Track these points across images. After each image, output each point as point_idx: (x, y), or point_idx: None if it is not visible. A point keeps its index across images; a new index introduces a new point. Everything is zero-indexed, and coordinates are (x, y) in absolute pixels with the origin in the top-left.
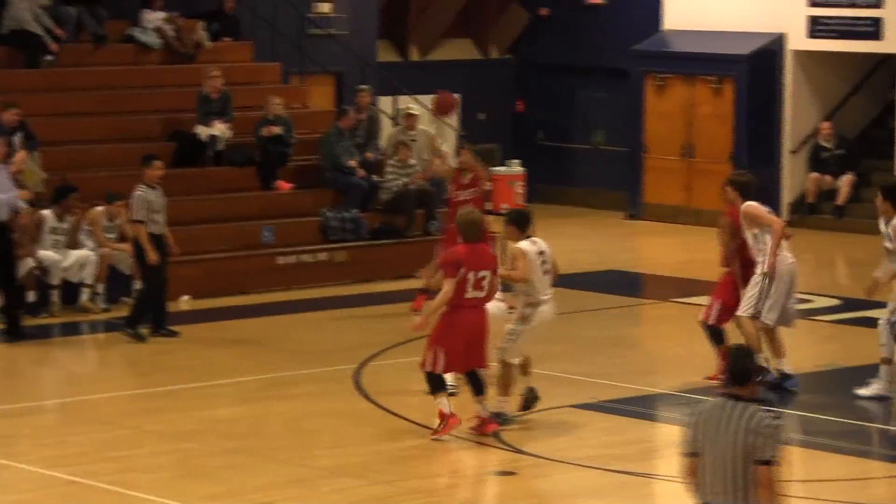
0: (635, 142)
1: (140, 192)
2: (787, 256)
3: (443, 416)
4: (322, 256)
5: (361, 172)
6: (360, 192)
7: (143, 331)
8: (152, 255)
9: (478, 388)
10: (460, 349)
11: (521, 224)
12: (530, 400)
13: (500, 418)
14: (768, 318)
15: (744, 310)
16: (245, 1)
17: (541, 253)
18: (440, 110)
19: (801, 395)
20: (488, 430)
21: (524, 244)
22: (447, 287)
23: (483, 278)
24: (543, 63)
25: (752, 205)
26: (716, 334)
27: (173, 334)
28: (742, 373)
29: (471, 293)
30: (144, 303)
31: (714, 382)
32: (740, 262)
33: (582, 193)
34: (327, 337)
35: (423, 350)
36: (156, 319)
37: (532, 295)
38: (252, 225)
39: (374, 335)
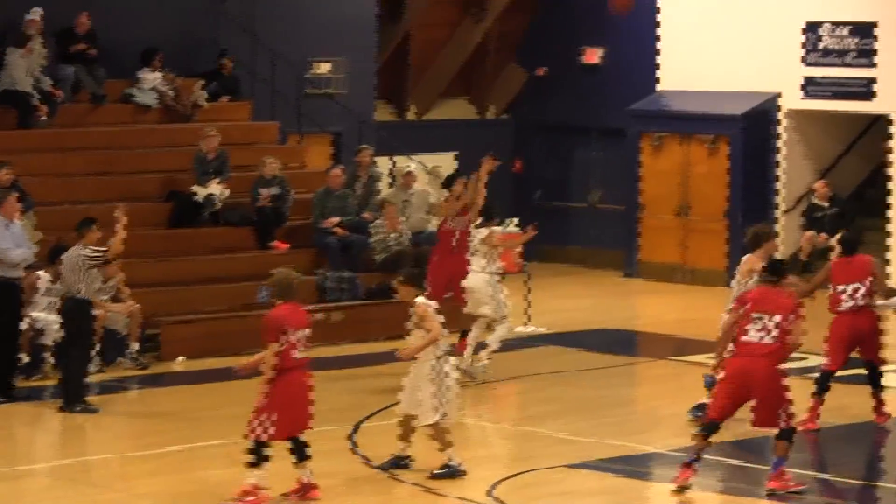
0: (631, 201)
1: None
2: None
3: (253, 492)
4: (318, 316)
5: (339, 231)
6: (336, 252)
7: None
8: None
9: (301, 453)
10: (290, 414)
11: (418, 282)
12: (399, 465)
13: (450, 470)
14: None
15: None
16: (243, 61)
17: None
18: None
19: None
20: (312, 496)
21: (423, 300)
22: (271, 353)
23: (308, 337)
24: (541, 123)
25: None
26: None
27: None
28: None
29: (297, 354)
30: (80, 373)
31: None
32: None
33: (579, 252)
34: (322, 397)
35: (249, 418)
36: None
37: (439, 349)
38: (248, 285)
39: (369, 396)
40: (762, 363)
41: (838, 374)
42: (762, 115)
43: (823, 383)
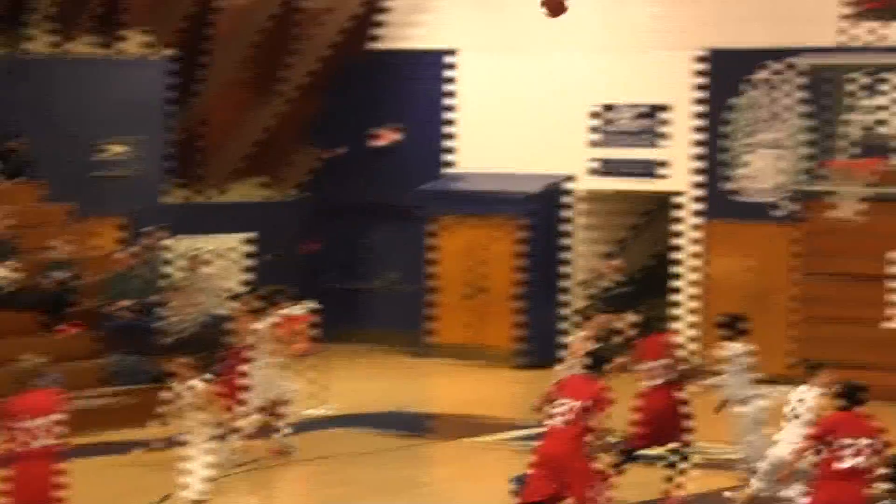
0: (424, 281)
1: None
2: None
3: None
4: (105, 400)
5: (128, 313)
6: (125, 334)
7: None
8: None
9: None
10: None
11: (203, 364)
12: None
13: None
14: None
15: None
16: (34, 142)
17: None
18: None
19: None
20: None
21: (205, 382)
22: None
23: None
24: (335, 203)
25: None
26: None
27: None
28: None
29: (33, 443)
30: None
31: None
32: None
33: (373, 333)
34: (103, 482)
35: None
36: None
37: (218, 429)
38: None
39: (151, 482)
40: (562, 448)
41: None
42: (553, 196)
43: (625, 459)
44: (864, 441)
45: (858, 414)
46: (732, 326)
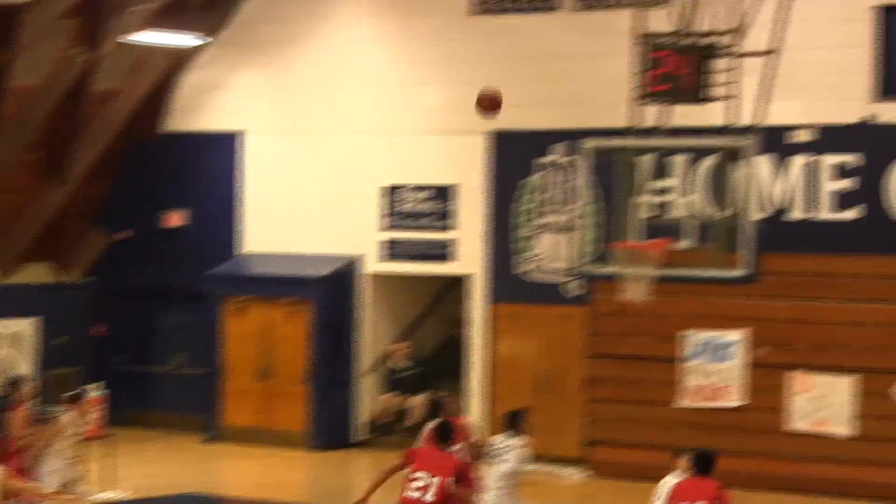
0: (214, 364)
1: None
2: None
3: None
4: None
5: None
6: None
7: None
8: None
9: None
10: None
11: None
12: None
13: None
14: None
15: None
16: None
17: None
18: (486, 107)
19: None
20: None
21: None
22: None
23: None
24: (124, 286)
25: None
26: None
27: None
28: None
29: None
30: None
31: None
32: None
33: (163, 417)
34: None
35: None
36: None
37: None
38: None
39: None
40: None
41: None
42: (343, 278)
43: None
44: None
45: (704, 482)
46: (513, 421)
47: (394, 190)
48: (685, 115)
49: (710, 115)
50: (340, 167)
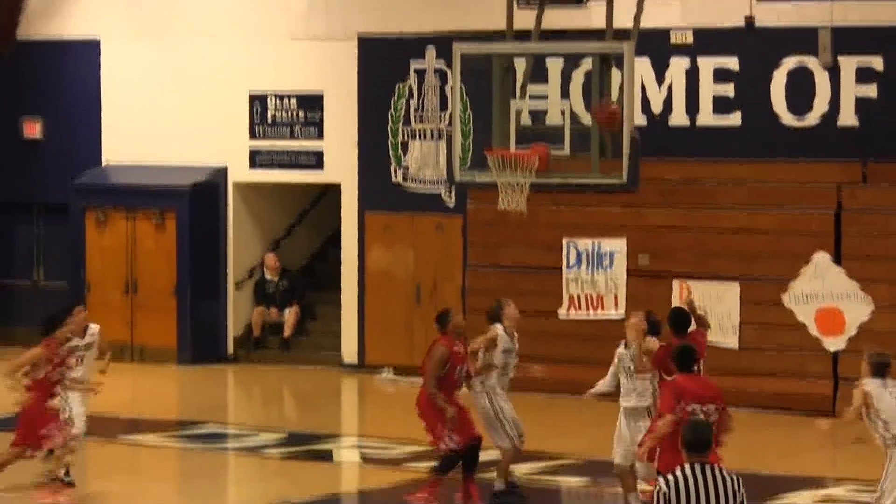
0: (77, 278)
1: None
2: None
3: None
4: None
5: None
6: None
7: None
8: None
9: None
10: None
11: None
12: None
13: None
14: None
15: None
16: None
17: None
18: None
19: None
20: None
21: None
22: None
23: None
24: None
25: None
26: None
27: None
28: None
29: None
30: None
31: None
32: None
33: (24, 332)
34: None
35: None
36: None
37: None
38: None
39: None
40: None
41: None
42: (209, 188)
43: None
44: None
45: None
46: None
47: (261, 97)
48: (563, 18)
49: (588, 18)
50: (205, 73)
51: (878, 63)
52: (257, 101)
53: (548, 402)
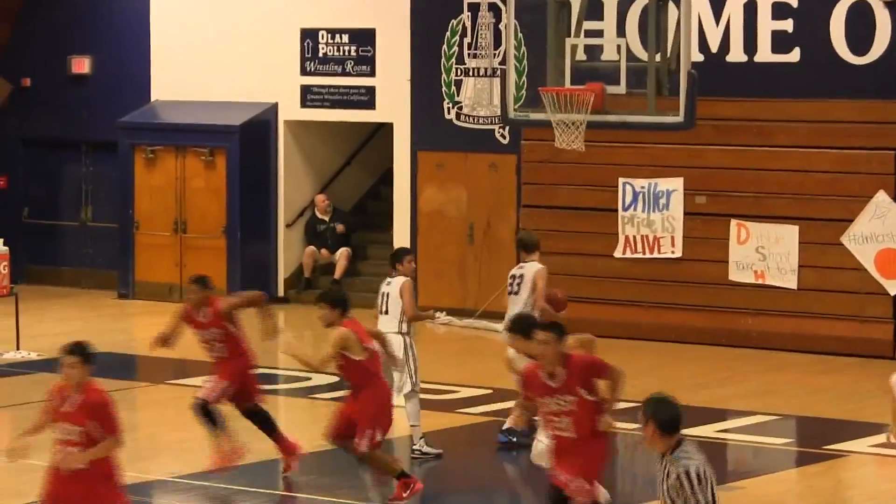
0: (125, 218)
1: None
2: None
3: None
4: None
5: None
6: None
7: None
8: None
9: None
10: None
11: None
12: None
13: None
14: None
15: None
16: None
17: None
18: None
19: (304, 476)
20: None
21: None
22: None
23: None
24: (28, 136)
25: None
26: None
27: None
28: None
29: None
30: None
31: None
32: None
33: (72, 273)
34: None
35: None
36: None
37: None
38: None
39: None
40: None
41: None
42: (260, 127)
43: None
44: None
45: None
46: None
47: (312, 33)
48: None
49: None
50: (256, 9)
51: None
52: (309, 37)
53: (602, 344)
